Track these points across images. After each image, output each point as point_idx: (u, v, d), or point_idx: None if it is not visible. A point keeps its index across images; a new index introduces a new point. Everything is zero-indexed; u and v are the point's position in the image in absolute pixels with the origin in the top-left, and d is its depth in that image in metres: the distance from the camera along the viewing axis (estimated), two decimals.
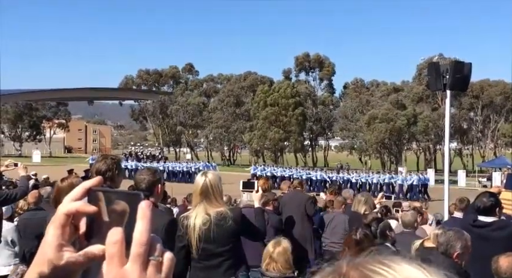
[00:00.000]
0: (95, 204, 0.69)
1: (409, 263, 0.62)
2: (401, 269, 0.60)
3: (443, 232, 3.64)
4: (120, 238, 0.64)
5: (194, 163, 38.23)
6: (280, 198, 7.90)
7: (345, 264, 0.63)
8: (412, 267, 0.61)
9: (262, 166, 36.50)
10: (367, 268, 0.61)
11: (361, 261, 0.63)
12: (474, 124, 56.29)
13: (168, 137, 67.28)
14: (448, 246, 3.43)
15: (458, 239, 3.46)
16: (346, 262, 0.64)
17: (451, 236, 3.47)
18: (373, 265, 0.61)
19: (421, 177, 31.08)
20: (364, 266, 0.62)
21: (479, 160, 52.88)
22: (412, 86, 56.31)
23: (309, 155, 60.78)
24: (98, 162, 3.65)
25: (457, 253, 3.41)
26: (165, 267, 0.66)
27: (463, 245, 3.45)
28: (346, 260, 0.64)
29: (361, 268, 0.62)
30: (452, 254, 3.41)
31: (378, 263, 0.61)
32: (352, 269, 0.62)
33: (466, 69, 9.48)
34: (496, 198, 4.58)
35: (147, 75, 67.30)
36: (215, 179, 3.62)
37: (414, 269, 0.61)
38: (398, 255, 0.65)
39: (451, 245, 3.42)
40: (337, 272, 0.63)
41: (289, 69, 63.08)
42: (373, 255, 0.64)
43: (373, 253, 0.65)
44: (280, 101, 52.39)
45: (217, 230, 3.56)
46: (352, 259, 0.64)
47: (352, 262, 0.63)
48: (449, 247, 3.42)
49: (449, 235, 3.49)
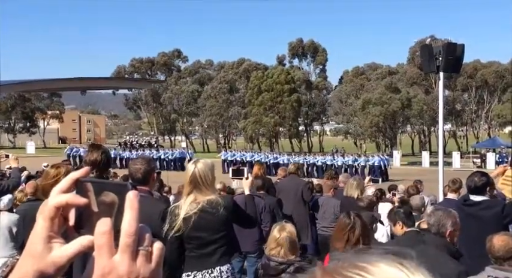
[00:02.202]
0: (84, 195, 0.69)
1: (388, 264, 0.59)
2: (379, 271, 0.58)
3: (432, 212, 3.68)
4: (109, 229, 0.64)
5: (171, 151, 38.37)
6: (276, 183, 7.92)
7: (320, 272, 0.61)
8: (391, 267, 0.58)
9: (233, 152, 37.40)
10: (342, 275, 0.59)
11: (336, 267, 0.60)
12: (468, 106, 56.43)
13: (163, 126, 67.14)
14: (440, 226, 3.47)
15: (447, 217, 3.51)
16: (321, 270, 0.62)
17: (440, 216, 3.52)
18: (349, 271, 0.59)
19: (382, 157, 32.44)
20: (339, 272, 0.59)
21: (473, 141, 53.17)
22: (405, 69, 56.27)
23: (304, 140, 60.86)
24: (91, 153, 3.65)
25: (449, 231, 3.47)
26: (155, 256, 0.66)
27: (453, 223, 3.51)
28: (321, 267, 0.62)
29: (335, 275, 0.59)
30: (444, 233, 3.46)
31: (354, 267, 0.59)
32: (327, 276, 0.60)
33: (459, 50, 9.47)
34: (488, 177, 4.62)
35: (139, 63, 66.85)
36: (205, 167, 3.60)
37: (393, 270, 0.58)
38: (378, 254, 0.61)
39: (442, 225, 3.47)
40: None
41: (283, 55, 62.93)
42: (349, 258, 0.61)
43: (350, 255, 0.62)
44: (274, 87, 52.30)
45: (208, 218, 3.55)
46: (326, 266, 0.62)
47: (327, 269, 0.61)
48: (440, 227, 3.47)
49: (439, 215, 3.54)
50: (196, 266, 3.63)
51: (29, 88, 62.88)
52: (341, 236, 3.45)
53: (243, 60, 64.04)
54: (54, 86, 63.82)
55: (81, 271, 0.67)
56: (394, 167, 38.98)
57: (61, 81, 62.37)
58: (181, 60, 68.77)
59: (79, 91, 71.25)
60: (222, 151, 39.32)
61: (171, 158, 36.21)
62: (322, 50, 62.10)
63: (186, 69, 67.09)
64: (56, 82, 62.41)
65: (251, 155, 35.71)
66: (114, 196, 0.67)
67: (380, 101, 49.49)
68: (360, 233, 3.43)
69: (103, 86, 68.05)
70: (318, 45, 62.34)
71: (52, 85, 62.48)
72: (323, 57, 61.93)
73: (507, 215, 4.36)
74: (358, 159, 32.85)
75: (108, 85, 66.50)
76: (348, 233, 3.42)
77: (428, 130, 57.14)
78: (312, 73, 63.26)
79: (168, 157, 36.27)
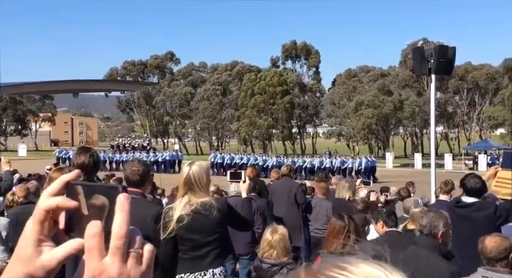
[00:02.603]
0: (74, 198, 0.69)
1: (369, 264, 0.61)
2: (361, 271, 0.60)
3: (424, 214, 3.69)
4: (99, 231, 0.64)
5: (161, 153, 38.47)
6: (269, 185, 7.91)
7: (303, 272, 0.62)
8: (372, 268, 0.60)
9: (222, 154, 37.81)
10: (325, 275, 0.60)
11: (319, 267, 0.62)
12: (460, 108, 56.78)
13: (156, 128, 67.00)
14: (432, 227, 3.48)
15: (439, 218, 3.52)
16: (304, 270, 0.63)
17: (432, 217, 3.53)
18: (332, 270, 0.60)
19: (369, 159, 32.73)
20: (322, 272, 0.61)
21: (465, 143, 53.47)
22: (398, 71, 56.55)
23: (297, 143, 60.96)
24: (80, 155, 3.64)
25: (441, 232, 3.49)
26: (146, 259, 0.66)
27: (445, 223, 3.52)
28: (304, 268, 0.63)
29: (319, 275, 0.61)
30: (437, 235, 3.47)
31: (336, 268, 0.61)
32: (310, 276, 0.61)
33: (450, 53, 9.53)
34: (482, 180, 4.64)
35: (132, 66, 66.71)
36: (199, 170, 3.60)
37: (374, 270, 0.60)
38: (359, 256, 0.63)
39: (434, 226, 3.48)
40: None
41: (277, 57, 63.05)
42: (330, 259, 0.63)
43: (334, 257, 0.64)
44: (267, 89, 52.36)
45: (202, 220, 3.56)
46: (309, 265, 0.63)
47: (309, 270, 0.62)
48: (433, 228, 3.48)
49: (431, 216, 3.55)
50: (189, 268, 3.63)
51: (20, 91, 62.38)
52: (333, 238, 3.46)
53: (236, 62, 64.09)
54: (46, 89, 63.42)
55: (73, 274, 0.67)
56: (386, 169, 39.16)
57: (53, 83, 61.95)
58: (174, 62, 68.75)
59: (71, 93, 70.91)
60: (211, 153, 39.76)
61: (161, 160, 36.20)
62: (315, 52, 62.31)
63: (179, 72, 67.03)
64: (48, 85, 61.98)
65: (240, 157, 35.98)
66: (105, 198, 0.67)
67: (373, 103, 49.70)
68: (352, 235, 3.44)
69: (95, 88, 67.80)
70: (311, 47, 62.55)
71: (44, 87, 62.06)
72: (316, 59, 62.12)
73: (499, 217, 4.38)
74: (346, 161, 33.26)
75: (100, 87, 66.24)
76: (339, 235, 3.43)
77: (420, 132, 57.42)
78: (305, 76, 63.49)
79: (158, 160, 36.26)
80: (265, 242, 3.70)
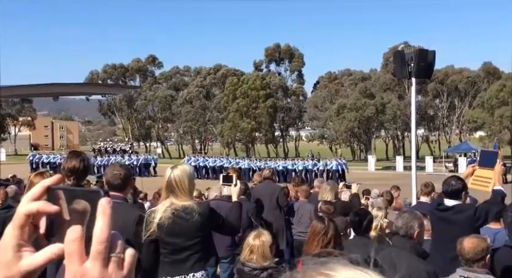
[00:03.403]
0: (55, 203, 0.68)
1: (353, 270, 0.61)
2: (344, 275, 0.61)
3: (399, 216, 3.75)
4: (79, 236, 0.64)
5: (136, 157, 38.50)
6: (252, 188, 7.90)
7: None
8: (356, 273, 0.61)
9: (196, 157, 38.16)
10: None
11: (303, 275, 0.62)
12: (440, 111, 57.55)
13: (138, 132, 66.50)
14: (408, 228, 3.54)
15: (414, 218, 3.59)
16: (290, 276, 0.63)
17: (407, 218, 3.59)
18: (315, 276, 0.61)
19: (340, 162, 33.91)
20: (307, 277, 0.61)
21: (445, 146, 54.16)
22: (379, 75, 57.12)
23: (280, 146, 61.08)
24: (70, 160, 3.60)
25: (416, 232, 3.54)
26: (127, 263, 0.66)
27: (420, 224, 3.59)
28: (290, 274, 0.63)
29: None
30: (412, 235, 3.53)
31: (321, 275, 0.61)
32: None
33: (430, 56, 9.64)
34: (463, 182, 4.69)
35: (112, 69, 66.13)
36: (181, 173, 3.58)
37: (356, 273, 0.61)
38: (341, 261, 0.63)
39: (410, 227, 3.54)
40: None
41: (260, 60, 63.16)
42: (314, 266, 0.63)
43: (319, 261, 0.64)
44: (250, 93, 52.40)
45: (183, 224, 3.54)
46: (293, 274, 0.63)
47: (296, 275, 0.63)
48: (408, 229, 3.54)
49: (406, 217, 3.61)
50: (169, 271, 3.61)
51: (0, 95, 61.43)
52: (313, 240, 3.47)
53: (220, 66, 64.03)
54: (26, 92, 62.59)
55: None
56: (368, 171, 39.48)
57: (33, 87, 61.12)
58: (156, 66, 68.39)
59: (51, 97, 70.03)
60: (186, 157, 39.88)
61: (135, 164, 36.01)
62: (299, 56, 62.55)
63: (161, 75, 66.68)
64: (28, 88, 61.17)
65: (213, 160, 36.14)
66: (86, 203, 0.66)
67: (355, 106, 50.10)
68: (332, 237, 3.46)
69: (76, 92, 67.12)
70: (295, 50, 62.77)
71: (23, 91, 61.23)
72: (299, 62, 62.37)
73: (479, 218, 4.43)
74: (318, 164, 34.05)
75: (81, 91, 65.60)
76: (320, 237, 3.44)
77: (402, 135, 58.03)
78: (288, 79, 63.66)
79: (133, 163, 36.11)
80: (246, 246, 3.70)
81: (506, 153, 47.94)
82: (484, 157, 4.92)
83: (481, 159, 4.99)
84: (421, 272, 3.33)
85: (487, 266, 3.43)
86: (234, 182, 4.17)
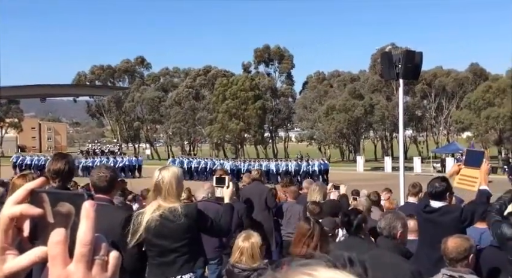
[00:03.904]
0: (39, 206, 0.68)
1: (335, 273, 0.62)
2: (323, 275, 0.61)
3: (382, 217, 3.79)
4: (63, 239, 0.64)
5: (121, 158, 38.57)
6: (241, 189, 7.89)
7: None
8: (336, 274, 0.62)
9: (180, 158, 38.28)
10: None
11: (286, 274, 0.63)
12: (428, 112, 58.00)
13: (126, 133, 66.13)
14: (391, 228, 3.58)
15: (397, 219, 3.64)
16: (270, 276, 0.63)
17: (390, 218, 3.63)
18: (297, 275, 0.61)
19: (322, 162, 34.27)
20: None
21: (433, 146, 54.58)
22: (367, 76, 57.43)
23: (269, 147, 61.12)
24: (55, 161, 3.58)
25: (399, 232, 3.58)
26: (111, 265, 0.66)
27: (403, 224, 3.64)
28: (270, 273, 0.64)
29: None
30: (396, 235, 3.57)
31: (303, 274, 0.61)
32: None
33: (417, 58, 9.73)
34: (447, 182, 4.71)
35: (100, 70, 65.66)
36: (169, 175, 3.57)
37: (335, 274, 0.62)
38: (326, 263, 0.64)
39: (393, 227, 3.58)
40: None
41: (249, 62, 63.15)
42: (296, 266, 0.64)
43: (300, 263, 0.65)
44: (239, 94, 52.38)
45: (170, 226, 3.53)
46: (276, 272, 0.64)
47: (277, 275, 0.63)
48: (392, 229, 3.58)
49: (389, 218, 3.65)
50: (157, 274, 3.60)
51: None
52: (299, 241, 3.49)
53: (210, 67, 63.92)
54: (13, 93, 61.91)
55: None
56: (357, 172, 39.66)
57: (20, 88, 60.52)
58: (144, 67, 68.06)
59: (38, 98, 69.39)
60: (171, 158, 39.87)
61: (120, 165, 35.89)
62: (288, 57, 62.62)
63: (149, 76, 66.32)
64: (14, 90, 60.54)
65: (198, 161, 36.18)
66: (70, 206, 0.66)
67: (344, 107, 50.30)
68: (318, 239, 3.47)
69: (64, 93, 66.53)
70: (285, 51, 62.81)
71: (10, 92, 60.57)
72: (288, 63, 62.45)
73: (465, 220, 4.46)
74: (300, 164, 34.35)
75: (69, 92, 65.05)
76: (306, 239, 3.46)
77: (390, 136, 58.37)
78: (277, 80, 63.70)
79: (118, 165, 36.00)
80: (235, 247, 3.70)
81: (493, 154, 48.48)
82: (470, 157, 4.95)
83: (467, 158, 5.01)
84: (406, 272, 3.37)
85: (470, 266, 3.46)
86: (227, 184, 4.16)
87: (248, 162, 35.93)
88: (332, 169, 39.40)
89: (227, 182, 4.18)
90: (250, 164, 34.36)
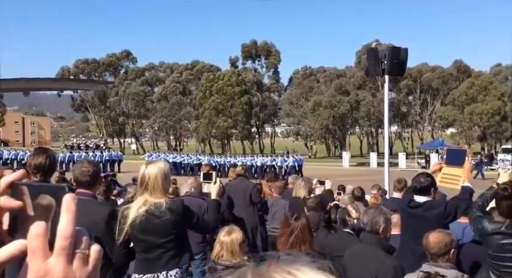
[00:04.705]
0: (19, 198, 0.67)
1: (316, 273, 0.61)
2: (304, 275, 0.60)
3: (365, 212, 3.81)
4: (42, 231, 0.63)
5: (100, 153, 38.27)
6: (226, 185, 7.88)
7: (250, 273, 0.62)
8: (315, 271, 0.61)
9: (157, 153, 38.09)
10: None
11: (268, 270, 0.62)
12: (413, 108, 58.50)
13: (112, 128, 65.57)
14: (373, 223, 3.60)
15: (379, 214, 3.66)
16: (251, 271, 0.62)
17: (372, 214, 3.65)
18: (280, 275, 0.60)
19: (297, 158, 34.72)
20: (270, 276, 0.61)
21: (418, 142, 55.12)
22: (353, 72, 57.70)
23: (256, 142, 61.15)
24: (38, 156, 3.55)
25: (382, 227, 3.60)
26: (92, 259, 0.65)
27: (385, 219, 3.66)
28: (252, 268, 0.63)
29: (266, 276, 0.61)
30: (378, 230, 3.59)
31: (285, 272, 0.61)
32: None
33: (403, 54, 9.79)
34: (432, 178, 4.75)
35: (85, 64, 64.86)
36: (154, 170, 3.55)
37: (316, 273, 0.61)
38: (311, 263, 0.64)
39: (375, 222, 3.60)
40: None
41: (236, 57, 62.92)
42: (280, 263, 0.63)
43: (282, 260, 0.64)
44: (225, 89, 52.23)
45: (155, 221, 3.52)
46: (258, 266, 0.63)
47: (257, 271, 0.62)
48: (374, 224, 3.60)
49: (371, 213, 3.68)
50: (142, 269, 3.60)
51: None
52: (284, 237, 3.49)
53: (197, 62, 63.59)
54: None
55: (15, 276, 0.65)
56: (343, 168, 39.90)
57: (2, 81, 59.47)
58: (130, 61, 67.43)
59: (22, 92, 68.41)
60: (146, 153, 39.81)
61: (100, 160, 35.66)
62: (275, 52, 62.56)
63: (133, 71, 65.60)
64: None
65: (174, 156, 36.06)
66: (51, 199, 0.65)
67: (330, 104, 50.48)
68: (302, 234, 3.47)
69: (47, 87, 65.66)
70: (272, 46, 62.74)
71: None
72: (275, 59, 62.39)
73: (449, 215, 4.51)
74: (276, 159, 34.78)
75: (52, 86, 64.16)
76: (289, 234, 3.46)
77: (376, 132, 58.78)
78: (264, 75, 63.64)
79: (98, 160, 35.78)
80: (217, 243, 3.68)
81: (476, 150, 49.12)
82: (452, 156, 5.02)
83: (448, 157, 5.09)
84: (388, 267, 3.39)
85: (451, 261, 3.49)
86: (214, 179, 4.14)
87: (224, 157, 36.27)
88: (318, 165, 39.52)
89: (214, 177, 4.16)
90: (226, 159, 34.81)
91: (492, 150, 47.31)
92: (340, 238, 4.30)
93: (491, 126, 46.43)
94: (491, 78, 51.33)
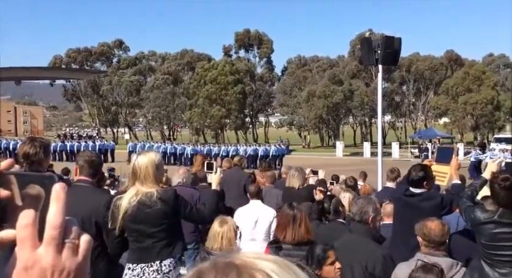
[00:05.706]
0: (7, 188, 0.66)
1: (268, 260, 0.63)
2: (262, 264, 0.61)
3: (354, 202, 3.82)
4: (31, 221, 0.62)
5: (91, 143, 38.28)
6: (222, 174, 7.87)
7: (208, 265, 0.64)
8: (270, 262, 0.62)
9: (142, 143, 38.20)
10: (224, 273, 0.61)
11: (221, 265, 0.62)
12: (406, 98, 58.59)
13: (105, 117, 65.21)
14: (362, 213, 3.62)
15: (368, 204, 3.67)
16: (209, 265, 0.64)
17: (361, 204, 3.66)
18: (229, 268, 0.61)
19: (279, 147, 35.34)
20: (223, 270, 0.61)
21: (411, 132, 55.29)
22: (347, 61, 57.59)
23: (249, 132, 61.09)
24: (25, 145, 3.52)
25: (371, 217, 3.62)
26: (82, 249, 0.65)
27: (374, 208, 3.66)
28: (210, 262, 0.64)
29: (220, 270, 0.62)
30: (367, 220, 3.60)
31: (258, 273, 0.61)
32: (212, 270, 0.62)
33: (396, 43, 9.75)
34: (426, 170, 4.77)
35: (76, 53, 64.23)
36: (145, 161, 3.57)
37: (271, 265, 0.62)
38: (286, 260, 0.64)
39: (364, 212, 3.62)
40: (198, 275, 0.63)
41: (230, 45, 62.56)
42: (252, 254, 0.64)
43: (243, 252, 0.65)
44: (219, 78, 52.02)
45: (147, 211, 3.54)
46: (216, 259, 0.64)
47: (214, 264, 0.63)
48: (363, 214, 3.61)
49: (360, 203, 3.69)
50: (136, 259, 3.61)
51: None
52: (284, 227, 3.49)
53: (186, 50, 63.19)
54: None
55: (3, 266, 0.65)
56: (336, 157, 40.00)
57: None
58: (123, 50, 66.87)
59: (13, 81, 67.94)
60: (130, 143, 39.87)
61: (92, 150, 35.57)
62: (268, 41, 62.27)
63: (125, 60, 65.09)
64: None
65: (158, 146, 36.00)
66: (40, 188, 0.65)
67: (324, 94, 50.41)
68: (301, 223, 3.48)
69: (40, 76, 65.19)
70: (264, 35, 62.42)
71: None
72: (268, 48, 62.11)
73: (444, 207, 4.52)
74: (258, 149, 35.13)
75: (44, 75, 63.74)
76: (290, 224, 3.46)
77: (369, 122, 58.88)
78: (258, 65, 63.38)
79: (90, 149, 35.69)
80: (213, 233, 3.68)
81: (469, 139, 49.37)
82: (441, 154, 5.17)
83: (437, 155, 5.21)
84: (378, 256, 3.40)
85: (447, 250, 3.51)
86: (214, 169, 4.15)
87: (208, 147, 36.50)
88: (311, 155, 39.58)
89: (215, 168, 4.18)
90: (210, 148, 35.03)
91: (485, 140, 47.54)
92: (332, 227, 4.31)
93: (484, 115, 46.61)
94: (484, 67, 51.42)
